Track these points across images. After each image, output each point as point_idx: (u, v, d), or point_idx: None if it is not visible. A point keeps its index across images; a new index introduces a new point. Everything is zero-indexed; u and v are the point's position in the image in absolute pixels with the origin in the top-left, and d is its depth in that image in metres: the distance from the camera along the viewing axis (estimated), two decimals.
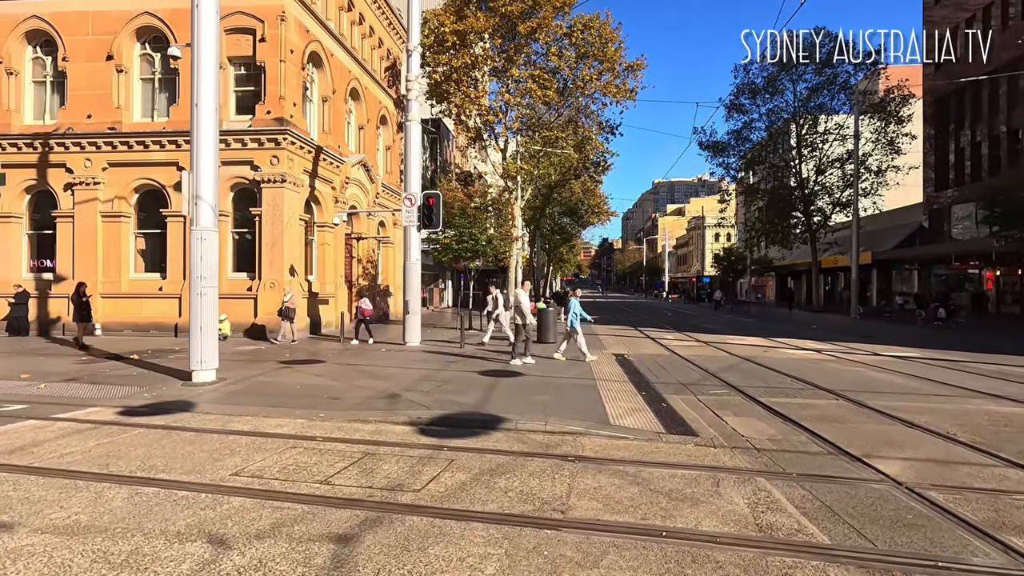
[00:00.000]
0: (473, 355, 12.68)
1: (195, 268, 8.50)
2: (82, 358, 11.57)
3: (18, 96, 17.39)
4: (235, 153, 16.50)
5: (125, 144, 16.66)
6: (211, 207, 8.61)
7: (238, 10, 16.46)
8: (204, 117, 8.56)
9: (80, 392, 7.87)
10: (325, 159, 18.95)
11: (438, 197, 14.95)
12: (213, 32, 8.67)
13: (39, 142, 16.81)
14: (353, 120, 22.78)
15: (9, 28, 17.02)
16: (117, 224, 16.94)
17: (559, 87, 26.85)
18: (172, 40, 16.61)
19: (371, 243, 23.40)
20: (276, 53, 16.42)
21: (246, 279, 16.85)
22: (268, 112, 16.46)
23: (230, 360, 11.23)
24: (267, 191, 16.43)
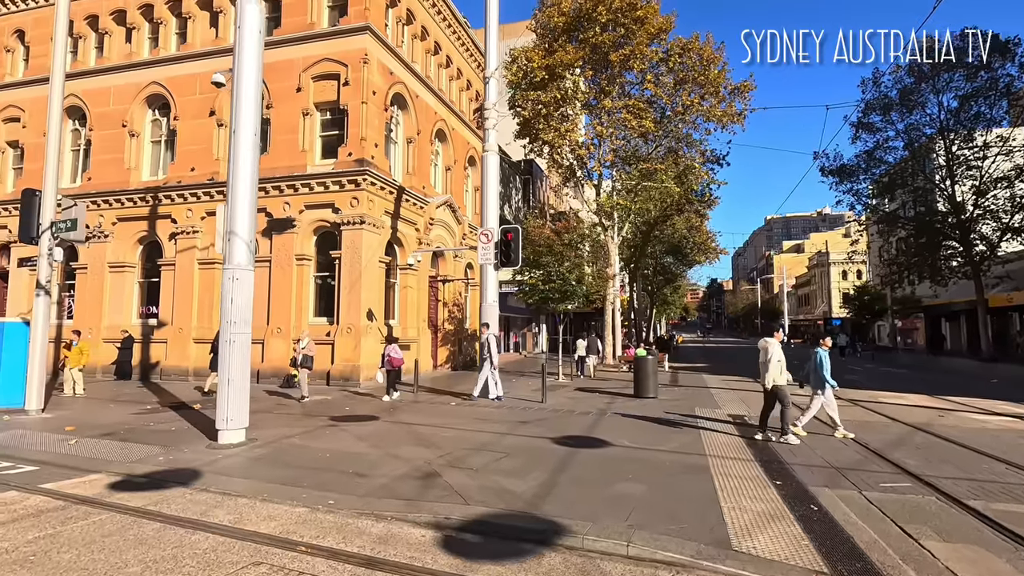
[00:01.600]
0: (554, 411, 10.72)
1: (225, 312, 7.57)
2: (147, 407, 11.20)
3: (138, 155, 18.80)
4: (318, 196, 16.37)
5: (220, 193, 17.19)
6: (246, 243, 7.72)
7: (324, 57, 16.65)
8: (242, 145, 7.81)
9: (100, 452, 7.03)
10: (408, 200, 18.43)
11: (517, 232, 13.50)
12: (253, 58, 8.01)
13: (150, 195, 17.87)
14: (440, 161, 22.41)
15: (133, 94, 18.58)
16: (211, 271, 17.34)
17: (656, 116, 24.96)
18: (267, 95, 17.13)
19: (457, 286, 22.48)
20: (359, 95, 16.28)
21: (326, 324, 16.36)
22: (349, 154, 16.22)
23: (279, 414, 10.25)
24: (346, 233, 16.00)
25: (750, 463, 6.75)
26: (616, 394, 13.76)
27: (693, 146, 26.15)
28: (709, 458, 6.96)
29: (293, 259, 16.47)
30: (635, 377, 13.49)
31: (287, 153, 16.83)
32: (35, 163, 19.70)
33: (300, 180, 16.36)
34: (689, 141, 25.96)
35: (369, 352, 15.85)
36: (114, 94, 18.84)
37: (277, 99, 17.07)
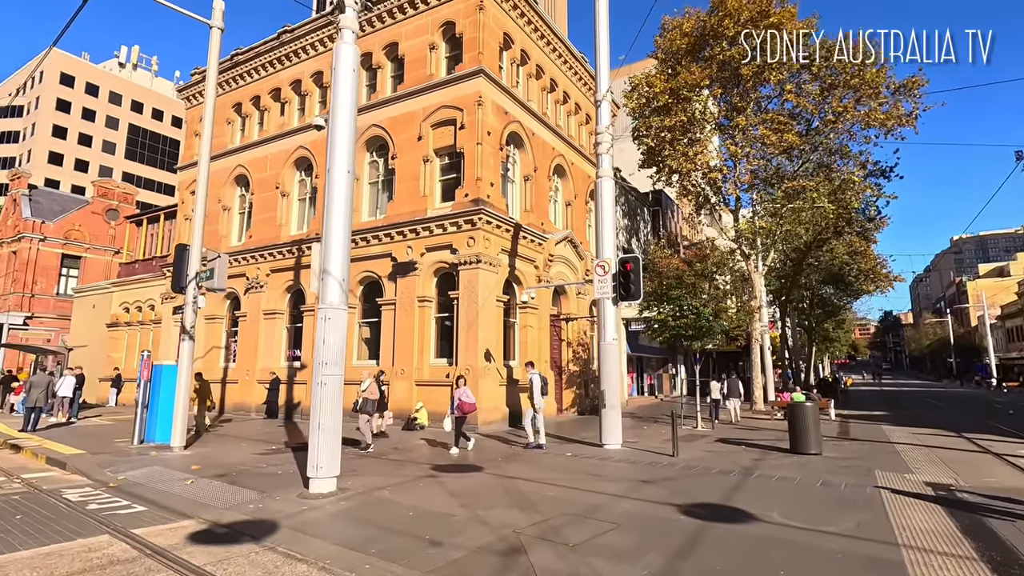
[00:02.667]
0: (687, 468, 9.05)
1: (318, 352, 7.37)
2: (272, 447, 11.58)
3: (287, 212, 20.85)
4: (437, 239, 16.59)
5: (353, 242, 18.17)
6: (338, 283, 7.54)
7: (442, 104, 17.18)
8: (336, 183, 7.76)
9: (205, 494, 7.05)
10: (525, 237, 18.03)
11: (637, 262, 12.21)
12: (347, 96, 8.04)
13: (296, 247, 19.57)
14: (559, 197, 21.90)
15: (284, 159, 20.80)
16: None
17: (800, 129, 22.28)
18: (391, 147, 18.11)
19: (582, 324, 21.38)
20: (474, 137, 16.44)
21: (446, 365, 16.22)
22: (466, 195, 16.30)
23: (385, 459, 9.87)
24: (463, 273, 15.91)
25: (972, 563, 4.71)
26: (767, 448, 11.53)
27: (850, 158, 22.75)
28: (903, 549, 5.02)
29: (415, 301, 16.73)
30: (791, 428, 11.20)
31: (409, 199, 17.43)
32: (212, 225, 22.79)
33: (421, 224, 16.75)
34: (845, 153, 22.65)
35: (488, 394, 15.32)
36: (270, 161, 21.27)
37: (401, 150, 17.89)
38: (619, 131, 33.39)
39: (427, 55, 17.93)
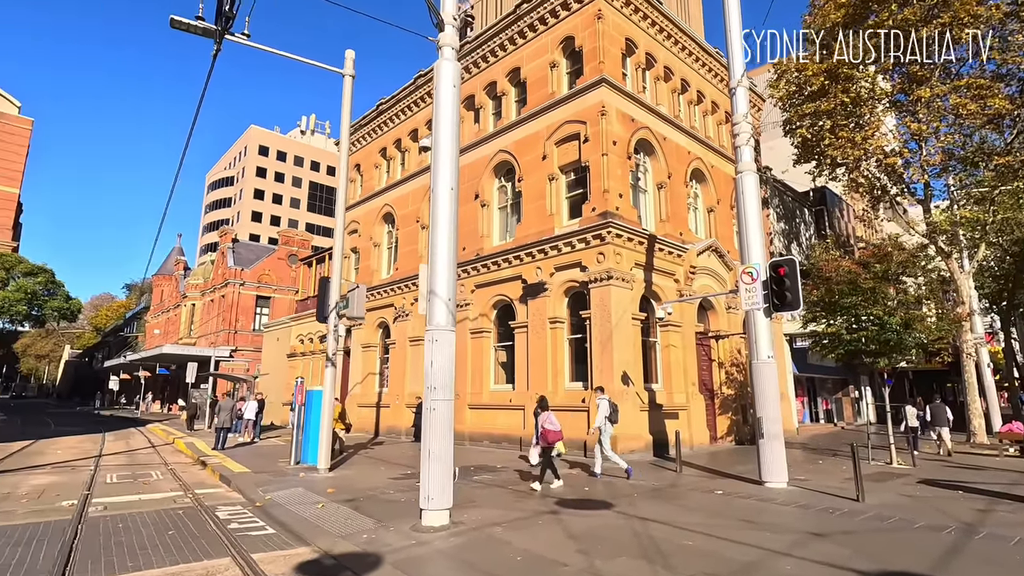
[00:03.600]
0: (877, 517, 7.14)
1: (426, 376, 7.10)
2: (407, 472, 11.69)
3: (427, 244, 21.87)
4: (565, 257, 16.04)
5: (485, 267, 18.44)
6: (445, 303, 7.26)
7: (565, 120, 16.80)
8: (440, 199, 7.56)
9: (330, 520, 7.11)
10: (662, 249, 16.69)
11: (792, 265, 10.37)
12: (449, 111, 7.84)
13: None
14: (699, 204, 20.11)
15: (421, 195, 21.99)
16: (479, 340, 18.44)
17: (1011, 92, 18.12)
18: (517, 170, 18.15)
19: (735, 343, 19.12)
20: (598, 149, 15.73)
21: (581, 389, 15.40)
22: (593, 209, 15.58)
23: (510, 490, 9.30)
24: (594, 291, 15.09)
25: None
26: (996, 495, 8.85)
27: None
28: None
29: (547, 323, 16.26)
30: None
31: (536, 219, 17.18)
32: (366, 260, 24.89)
33: (548, 243, 16.36)
34: None
35: (627, 420, 14.12)
36: (410, 197, 22.64)
37: (526, 171, 17.81)
38: (766, 127, 30.28)
39: (548, 74, 17.78)
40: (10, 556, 5.69)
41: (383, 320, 22.95)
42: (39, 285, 40.15)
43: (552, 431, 9.49)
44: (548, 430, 9.49)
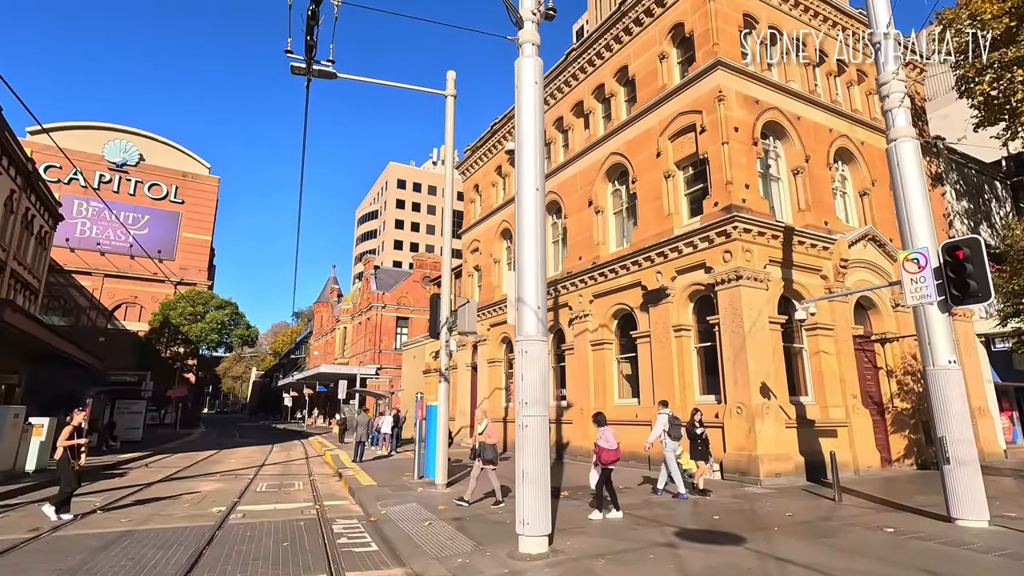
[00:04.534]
0: None
1: (518, 390, 6.63)
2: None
3: None
4: (687, 259, 14.75)
5: (602, 275, 17.68)
6: (533, 311, 6.76)
7: (678, 112, 15.62)
8: (526, 200, 7.12)
9: (431, 539, 6.93)
10: (802, 242, 14.64)
11: (975, 246, 8.29)
12: (531, 110, 7.40)
13: (552, 289, 20.04)
14: (849, 187, 17.44)
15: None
16: (602, 351, 17.63)
17: None
18: (631, 171, 17.24)
19: (908, 345, 16.08)
20: (717, 137, 14.33)
21: (714, 403, 13.90)
22: (715, 204, 14.16)
23: (627, 515, 8.42)
24: (722, 294, 13.60)
25: None
26: None
27: None
28: None
29: (671, 331, 15.03)
30: None
31: (654, 221, 16.09)
32: (488, 277, 25.36)
33: (667, 245, 15.19)
34: None
35: (769, 438, 12.43)
36: None
37: (640, 171, 16.84)
38: (936, 96, 25.72)
39: (657, 67, 16.72)
40: (150, 558, 6.28)
41: (506, 335, 23.09)
42: (226, 316, 47.10)
43: (607, 451, 8.40)
44: (603, 449, 8.41)
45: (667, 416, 10.69)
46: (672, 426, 10.54)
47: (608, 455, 8.39)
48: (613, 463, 8.42)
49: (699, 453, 10.97)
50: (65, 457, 8.88)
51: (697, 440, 10.92)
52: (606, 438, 8.50)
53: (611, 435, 8.56)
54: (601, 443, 8.49)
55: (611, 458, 8.39)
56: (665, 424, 10.55)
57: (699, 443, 10.93)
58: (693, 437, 10.90)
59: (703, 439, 10.94)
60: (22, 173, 29.34)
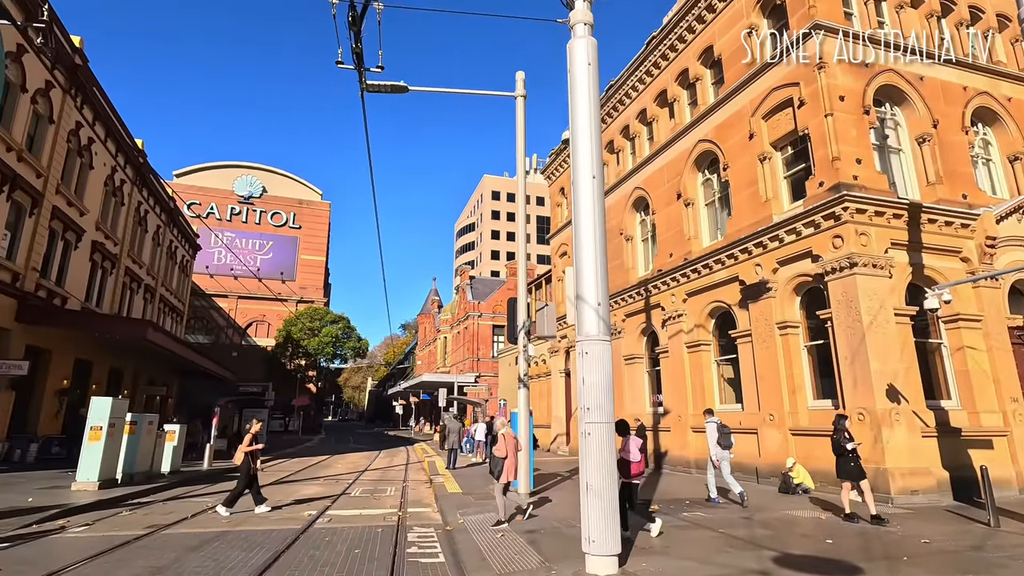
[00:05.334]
0: None
1: (579, 395, 6.10)
2: None
3: (632, 256, 20.69)
4: (790, 248, 13.27)
5: (695, 271, 16.48)
6: (594, 308, 6.21)
7: (770, 88, 14.20)
8: (582, 190, 6.61)
9: (501, 552, 6.61)
10: (933, 220, 12.60)
11: None
12: (584, 92, 6.88)
13: (642, 289, 19.05)
14: (993, 153, 14.84)
15: (624, 203, 21.01)
16: (698, 353, 16.39)
17: None
18: (721, 158, 15.96)
19: None
20: (819, 110, 12.78)
21: (831, 407, 12.28)
22: (820, 184, 12.60)
23: (721, 532, 7.51)
24: (833, 284, 12.02)
25: None
26: None
27: None
28: None
29: (774, 329, 13.57)
30: None
31: (749, 209, 14.71)
32: None
33: (766, 234, 13.77)
34: None
35: (902, 450, 10.70)
36: (611, 211, 21.83)
37: (731, 157, 15.53)
38: None
39: (745, 42, 15.34)
40: (232, 559, 6.55)
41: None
42: (339, 330, 50.62)
43: (631, 463, 7.53)
44: (625, 460, 7.51)
45: (715, 424, 10.53)
46: (721, 434, 10.34)
47: (631, 468, 7.62)
48: (637, 477, 7.61)
49: (850, 471, 8.72)
50: (246, 461, 9.80)
51: (847, 455, 8.74)
52: (629, 449, 7.72)
53: (635, 446, 7.78)
54: (625, 455, 7.70)
55: (634, 471, 7.60)
56: (715, 433, 10.37)
57: (849, 458, 8.73)
58: (841, 452, 8.80)
59: (854, 454, 8.74)
60: (166, 210, 33.49)
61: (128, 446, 12.87)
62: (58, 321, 19.32)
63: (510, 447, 8.56)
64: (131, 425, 12.98)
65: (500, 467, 8.44)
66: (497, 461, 8.50)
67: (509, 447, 8.54)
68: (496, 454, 8.55)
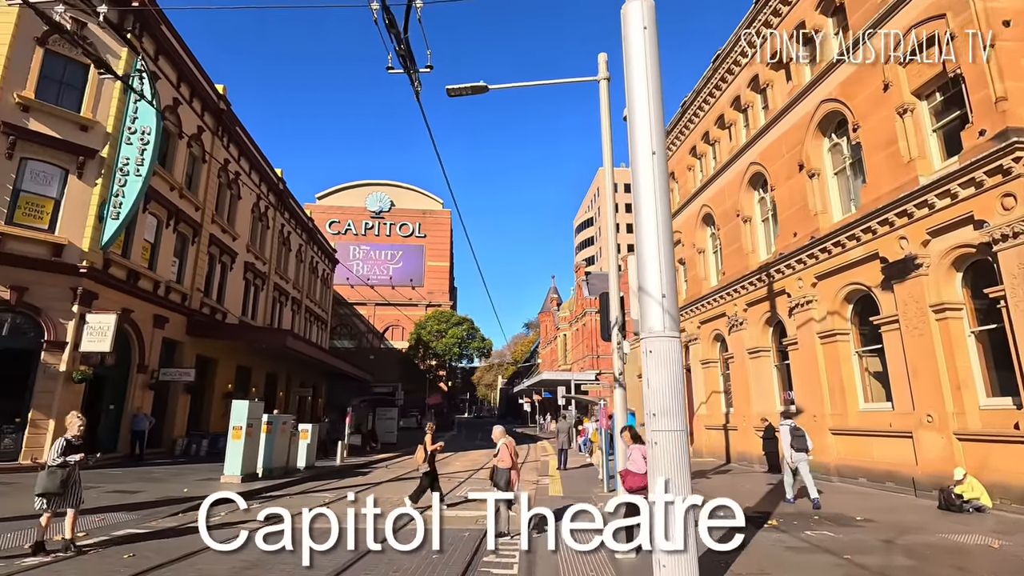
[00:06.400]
0: None
1: (645, 398, 5.42)
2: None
3: (752, 238, 18.71)
4: (944, 214, 11.03)
5: (824, 251, 14.42)
6: (658, 301, 5.47)
7: (911, 25, 11.91)
8: (641, 168, 5.86)
9: (574, 568, 6.16)
10: None
11: None
12: (640, 58, 6.09)
13: (764, 274, 17.15)
14: None
15: (738, 184, 19.12)
16: (833, 344, 14.31)
17: None
18: (851, 117, 13.78)
19: None
20: (974, 44, 10.43)
21: (1011, 407, 9.96)
22: (981, 133, 10.29)
23: (834, 561, 6.31)
24: (1006, 255, 9.72)
25: None
26: None
27: None
28: None
29: (928, 313, 11.36)
30: None
31: (888, 172, 12.50)
32: (693, 270, 23.14)
33: (911, 200, 11.58)
34: None
35: None
36: (726, 191, 20.03)
37: (862, 114, 13.35)
38: None
39: None
40: (316, 558, 6.85)
41: (718, 332, 20.61)
42: (464, 332, 52.78)
43: (633, 474, 6.42)
44: (628, 472, 6.49)
45: (788, 427, 10.61)
46: (794, 437, 10.38)
47: (631, 480, 6.53)
48: (637, 491, 6.29)
49: None
50: (430, 459, 10.71)
51: None
52: (633, 459, 6.67)
53: (640, 455, 6.58)
54: (630, 465, 6.69)
55: (634, 484, 6.46)
56: (787, 436, 10.47)
57: None
58: None
59: None
60: (305, 230, 37.23)
61: (266, 444, 14.36)
62: (218, 333, 22.29)
63: (512, 456, 8.23)
64: (267, 425, 14.46)
65: (505, 478, 8.08)
66: (501, 472, 8.14)
67: (510, 456, 8.22)
68: (499, 466, 8.19)
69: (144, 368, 18.13)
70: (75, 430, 7.24)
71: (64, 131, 15.47)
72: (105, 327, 14.96)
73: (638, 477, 6.64)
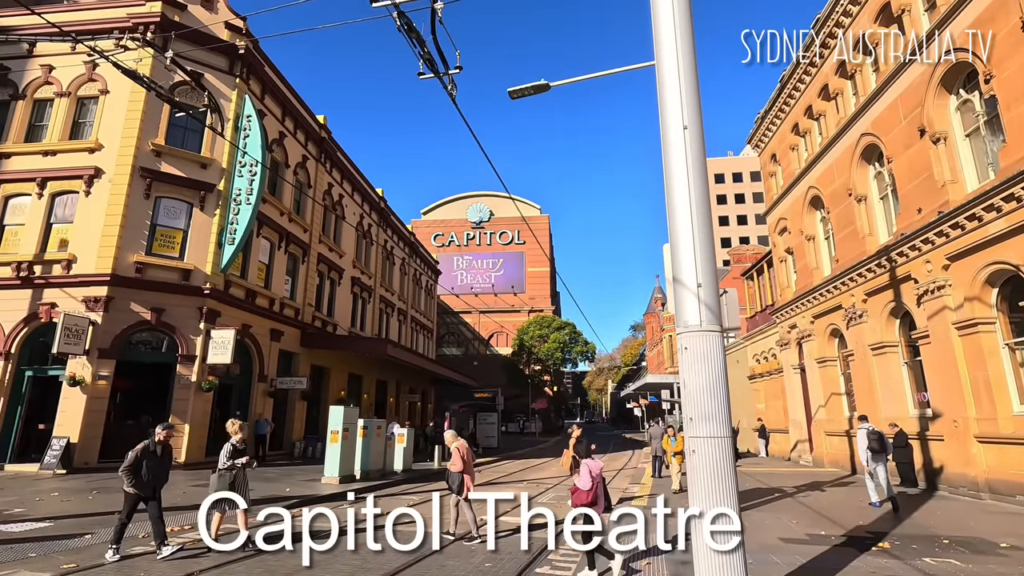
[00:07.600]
0: None
1: (682, 402, 4.83)
2: (816, 533, 8.38)
3: (869, 219, 16.48)
4: None
5: (957, 227, 12.30)
6: (694, 292, 4.87)
7: None
8: (672, 145, 5.28)
9: None
10: None
11: None
12: (669, 16, 5.50)
13: (885, 259, 15.02)
14: None
15: (848, 159, 17.00)
16: (975, 336, 12.11)
17: None
18: (981, 68, 11.66)
19: None
20: None
21: None
22: None
23: None
24: None
25: None
26: None
27: None
28: None
29: None
30: None
31: None
32: (802, 260, 21.00)
33: None
34: None
35: None
36: (835, 168, 17.91)
37: (998, 60, 11.26)
38: None
39: None
40: (374, 561, 6.99)
41: (834, 326, 18.41)
42: (566, 336, 52.34)
43: (578, 491, 6.18)
44: (575, 488, 6.25)
45: (865, 431, 10.59)
46: (871, 440, 10.30)
47: (577, 497, 6.18)
48: (585, 507, 5.87)
49: None
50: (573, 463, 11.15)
51: None
52: (582, 474, 6.22)
53: (587, 472, 6.19)
54: (577, 481, 6.33)
55: (579, 501, 6.09)
56: (864, 440, 10.41)
57: None
58: None
59: None
60: (408, 244, 39.20)
61: (362, 447, 15.16)
62: (326, 344, 24.08)
63: (464, 459, 8.23)
64: (363, 429, 15.27)
65: (459, 481, 8.16)
66: (453, 476, 8.20)
67: (462, 460, 8.22)
68: (451, 470, 8.24)
69: (264, 377, 20.04)
70: (238, 435, 7.68)
71: (188, 170, 17.63)
72: (226, 341, 16.74)
73: (582, 494, 6.22)
